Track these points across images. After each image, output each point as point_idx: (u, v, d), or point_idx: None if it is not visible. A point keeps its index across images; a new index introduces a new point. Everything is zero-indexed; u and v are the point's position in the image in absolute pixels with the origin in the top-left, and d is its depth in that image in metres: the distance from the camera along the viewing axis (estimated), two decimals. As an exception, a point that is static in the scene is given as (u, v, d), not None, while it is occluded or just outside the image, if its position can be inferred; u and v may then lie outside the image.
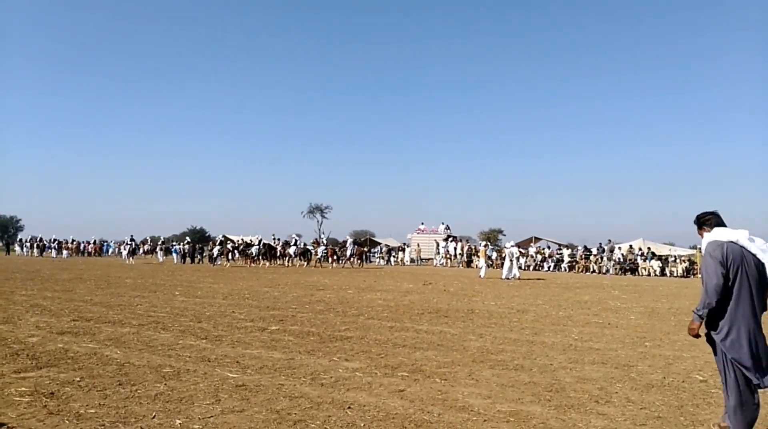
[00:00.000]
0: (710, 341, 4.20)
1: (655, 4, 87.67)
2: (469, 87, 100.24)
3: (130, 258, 35.81)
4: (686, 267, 32.32)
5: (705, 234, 4.26)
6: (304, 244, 36.00)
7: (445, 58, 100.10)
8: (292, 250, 34.01)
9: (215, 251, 33.84)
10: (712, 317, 4.10)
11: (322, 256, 33.19)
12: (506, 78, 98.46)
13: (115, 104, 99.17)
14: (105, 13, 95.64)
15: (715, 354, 4.17)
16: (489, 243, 36.44)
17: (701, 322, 4.12)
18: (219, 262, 33.34)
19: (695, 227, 4.42)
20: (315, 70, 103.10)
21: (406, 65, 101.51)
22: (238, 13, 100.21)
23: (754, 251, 4.00)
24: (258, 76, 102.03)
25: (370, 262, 41.35)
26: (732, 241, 4.05)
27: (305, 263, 33.42)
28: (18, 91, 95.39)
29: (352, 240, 34.95)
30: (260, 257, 33.05)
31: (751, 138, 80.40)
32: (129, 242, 36.55)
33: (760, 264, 4.01)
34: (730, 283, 3.97)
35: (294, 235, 37.32)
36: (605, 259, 34.23)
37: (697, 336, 4.20)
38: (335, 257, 33.89)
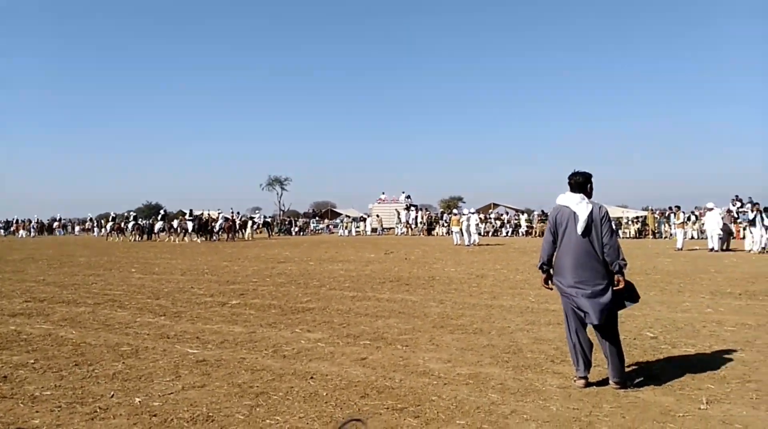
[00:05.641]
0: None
1: None
2: (429, 53, 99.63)
3: (199, 237, 31.59)
4: (638, 228, 33.43)
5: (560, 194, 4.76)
6: (264, 217, 35.49)
7: (406, 21, 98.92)
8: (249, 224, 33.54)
9: (216, 226, 32.58)
10: (554, 266, 4.71)
11: (192, 230, 31.57)
12: (466, 46, 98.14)
13: (58, 73, 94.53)
14: None
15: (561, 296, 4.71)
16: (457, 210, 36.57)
17: (545, 274, 4.75)
18: (216, 238, 32.40)
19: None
20: (273, 37, 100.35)
21: (367, 29, 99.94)
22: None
23: (577, 212, 4.50)
24: (217, 43, 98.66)
25: (330, 232, 41.53)
26: (564, 205, 4.61)
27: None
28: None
29: (221, 215, 34.04)
30: (222, 232, 32.73)
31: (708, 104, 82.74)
32: (191, 218, 31.57)
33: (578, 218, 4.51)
34: (558, 240, 4.61)
35: (252, 209, 36.77)
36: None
37: (549, 288, 4.82)
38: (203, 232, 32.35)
